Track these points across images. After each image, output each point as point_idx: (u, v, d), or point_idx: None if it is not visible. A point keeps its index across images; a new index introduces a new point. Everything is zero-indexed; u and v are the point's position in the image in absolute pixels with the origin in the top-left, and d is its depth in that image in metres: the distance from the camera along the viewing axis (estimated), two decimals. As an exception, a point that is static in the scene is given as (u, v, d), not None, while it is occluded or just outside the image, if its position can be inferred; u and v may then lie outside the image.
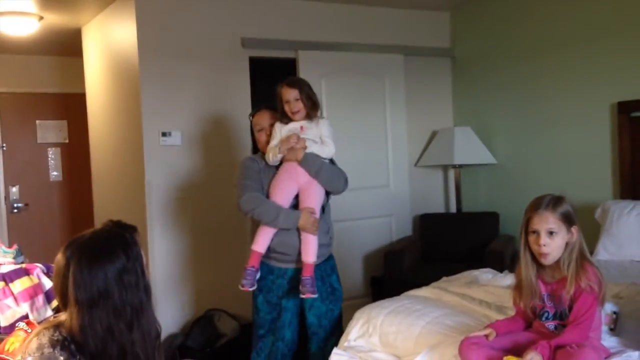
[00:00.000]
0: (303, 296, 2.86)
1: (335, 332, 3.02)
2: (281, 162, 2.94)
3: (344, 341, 2.79)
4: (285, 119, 2.92)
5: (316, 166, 2.89)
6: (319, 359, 3.00)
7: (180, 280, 4.08)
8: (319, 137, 2.93)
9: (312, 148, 2.90)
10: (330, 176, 2.96)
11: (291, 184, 2.91)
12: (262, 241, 2.90)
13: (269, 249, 2.93)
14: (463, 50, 5.06)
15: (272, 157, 2.90)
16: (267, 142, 2.97)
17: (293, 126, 2.91)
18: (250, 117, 3.14)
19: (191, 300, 4.12)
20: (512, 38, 4.65)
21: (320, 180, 2.92)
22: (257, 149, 3.11)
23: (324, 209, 3.03)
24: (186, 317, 4.08)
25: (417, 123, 4.98)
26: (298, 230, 2.89)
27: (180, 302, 4.07)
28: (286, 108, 2.89)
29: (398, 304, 2.86)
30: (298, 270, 2.94)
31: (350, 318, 2.90)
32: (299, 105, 2.87)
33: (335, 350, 2.69)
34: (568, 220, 2.10)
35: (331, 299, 3.05)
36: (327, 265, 3.07)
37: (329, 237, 3.07)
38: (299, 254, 2.92)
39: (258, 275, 2.92)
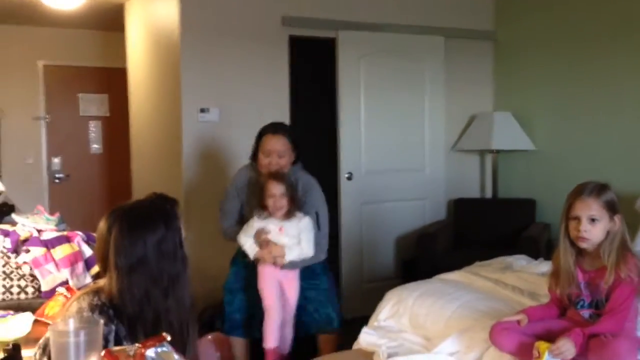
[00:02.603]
0: None
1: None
2: None
3: (374, 321, 2.80)
4: (264, 212, 2.88)
5: (296, 267, 2.94)
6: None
7: (212, 256, 4.14)
8: (297, 236, 2.89)
9: (291, 251, 2.88)
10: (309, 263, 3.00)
11: (275, 282, 2.95)
12: (272, 334, 2.93)
13: None
14: (506, 33, 4.96)
15: (249, 253, 2.90)
16: (268, 166, 2.94)
17: (272, 227, 2.87)
18: (263, 132, 3.04)
19: (222, 274, 4.17)
20: (557, 21, 4.53)
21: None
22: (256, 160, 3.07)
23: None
24: (217, 291, 4.14)
25: (456, 106, 4.91)
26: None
27: (212, 277, 4.13)
28: (269, 202, 2.84)
29: (429, 287, 2.86)
30: None
31: (380, 299, 2.91)
32: (283, 202, 2.84)
33: (364, 329, 2.70)
34: (611, 208, 2.06)
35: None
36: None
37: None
38: None
39: None
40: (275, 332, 2.92)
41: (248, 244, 2.89)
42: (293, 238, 2.87)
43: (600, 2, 4.20)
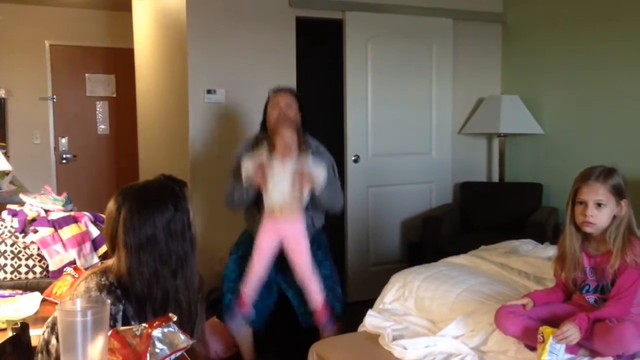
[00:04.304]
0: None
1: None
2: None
3: (379, 304, 2.81)
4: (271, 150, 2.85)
5: (322, 196, 2.89)
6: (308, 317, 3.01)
7: (218, 237, 4.16)
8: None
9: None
10: (330, 194, 2.97)
11: (273, 243, 2.88)
12: (250, 289, 2.90)
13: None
14: (515, 15, 4.91)
15: (245, 172, 2.83)
16: (278, 119, 2.99)
17: (276, 164, 2.81)
18: (270, 94, 3.14)
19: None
20: (566, 3, 4.48)
21: (322, 197, 2.92)
22: (266, 126, 3.10)
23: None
24: (223, 272, 4.17)
25: (464, 89, 4.88)
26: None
27: (218, 258, 4.16)
28: (275, 112, 2.90)
29: (435, 270, 2.87)
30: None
31: (386, 282, 2.92)
32: (292, 112, 2.89)
33: (370, 312, 2.71)
34: (618, 193, 2.05)
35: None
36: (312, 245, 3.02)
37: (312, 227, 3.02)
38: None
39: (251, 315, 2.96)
40: (251, 288, 2.89)
41: (247, 164, 2.83)
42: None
43: (612, -15, 4.15)
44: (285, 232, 2.86)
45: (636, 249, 2.01)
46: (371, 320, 2.64)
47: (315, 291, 2.89)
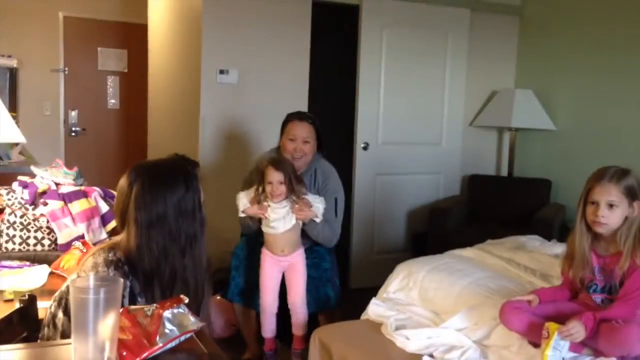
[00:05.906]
0: None
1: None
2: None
3: (383, 292, 2.82)
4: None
5: (315, 231, 2.97)
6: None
7: (225, 218, 4.16)
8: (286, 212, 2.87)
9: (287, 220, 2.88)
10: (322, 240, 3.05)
11: (276, 275, 2.95)
12: (269, 326, 2.97)
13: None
14: (534, 8, 4.86)
15: (240, 207, 2.91)
16: (293, 151, 3.00)
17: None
18: (287, 120, 3.12)
19: (236, 237, 4.20)
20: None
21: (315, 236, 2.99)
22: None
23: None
24: (229, 255, 4.18)
25: (477, 81, 4.84)
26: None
27: (225, 239, 4.17)
28: (267, 188, 2.83)
29: (440, 262, 2.87)
30: None
31: (389, 271, 2.92)
32: (282, 189, 2.80)
33: (373, 301, 2.72)
34: (631, 194, 2.04)
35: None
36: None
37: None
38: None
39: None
40: (270, 324, 2.97)
41: (243, 201, 2.91)
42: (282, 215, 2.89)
43: (634, -18, 4.09)
44: (285, 264, 2.95)
45: (646, 251, 2.00)
46: (375, 309, 2.65)
47: (300, 320, 2.95)
